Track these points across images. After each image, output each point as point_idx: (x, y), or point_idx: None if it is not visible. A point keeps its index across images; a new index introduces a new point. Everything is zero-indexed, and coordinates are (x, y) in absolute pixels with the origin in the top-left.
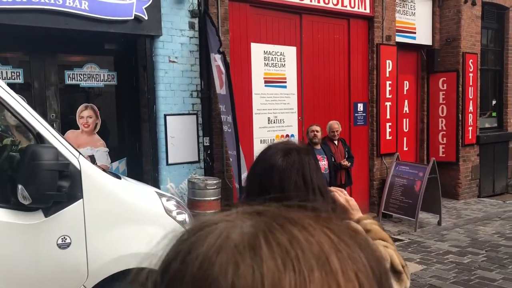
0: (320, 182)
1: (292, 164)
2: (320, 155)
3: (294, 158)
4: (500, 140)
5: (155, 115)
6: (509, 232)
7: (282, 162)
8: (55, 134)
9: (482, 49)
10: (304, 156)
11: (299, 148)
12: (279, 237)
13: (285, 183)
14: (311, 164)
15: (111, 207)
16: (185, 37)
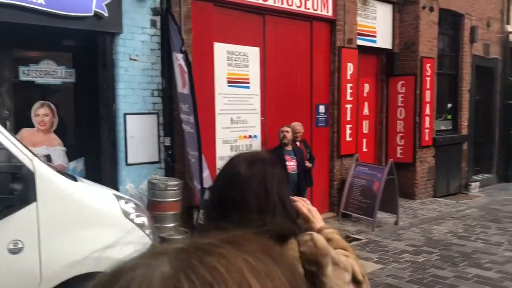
0: (282, 193)
1: (255, 174)
2: (289, 155)
3: (258, 168)
4: (455, 142)
5: (115, 114)
6: (462, 231)
7: (245, 172)
8: (7, 135)
9: (438, 54)
10: (269, 167)
11: (264, 159)
12: (200, 273)
13: (246, 193)
14: (275, 175)
15: (67, 210)
16: (147, 35)
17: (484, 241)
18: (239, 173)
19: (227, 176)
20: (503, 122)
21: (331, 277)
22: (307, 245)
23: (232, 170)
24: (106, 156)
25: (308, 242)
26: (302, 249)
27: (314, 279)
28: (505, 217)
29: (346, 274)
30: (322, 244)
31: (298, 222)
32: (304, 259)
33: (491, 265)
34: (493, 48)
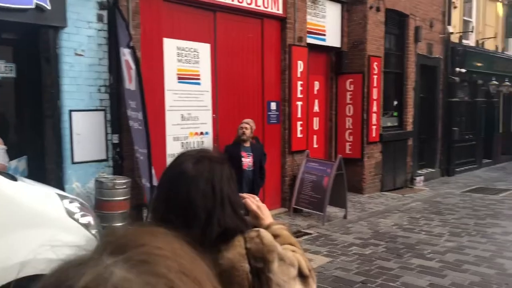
0: (231, 192)
1: (202, 172)
2: (246, 152)
3: (204, 166)
4: (401, 138)
5: (59, 111)
6: (406, 223)
7: (191, 170)
8: None
9: (385, 53)
10: (216, 165)
11: (212, 157)
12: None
13: (191, 192)
14: (224, 174)
15: (5, 211)
16: (93, 29)
17: (427, 233)
18: (185, 171)
19: (173, 174)
20: (445, 118)
21: (277, 273)
22: (254, 242)
23: (178, 168)
24: (51, 154)
25: (255, 239)
26: (249, 245)
27: (261, 275)
28: (446, 210)
29: (292, 270)
30: (268, 240)
31: (246, 220)
32: (251, 256)
33: (433, 255)
34: (436, 48)
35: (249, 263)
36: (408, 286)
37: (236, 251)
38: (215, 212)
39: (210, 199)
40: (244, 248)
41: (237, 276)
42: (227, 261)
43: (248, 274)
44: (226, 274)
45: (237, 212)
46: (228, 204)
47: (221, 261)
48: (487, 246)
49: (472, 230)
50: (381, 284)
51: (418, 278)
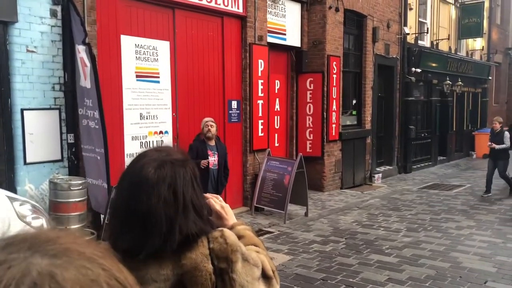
0: (194, 196)
1: (163, 178)
2: (211, 151)
3: (167, 171)
4: (359, 136)
5: (10, 110)
6: (366, 220)
7: (152, 176)
8: None
9: (344, 53)
10: (179, 169)
11: (174, 160)
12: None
13: (152, 200)
14: (186, 176)
15: None
16: (46, 25)
17: (385, 229)
18: (146, 177)
19: (133, 179)
20: (402, 117)
21: (241, 273)
22: (218, 242)
23: (139, 174)
24: (1, 155)
25: (218, 239)
26: (212, 245)
27: (224, 275)
28: (404, 206)
29: (256, 270)
30: (232, 240)
31: (210, 221)
32: (214, 256)
33: (391, 250)
34: (393, 48)
35: (212, 264)
36: (367, 281)
37: (199, 251)
38: (177, 220)
39: (172, 207)
40: (208, 248)
41: (200, 277)
42: (190, 261)
43: (211, 275)
44: (189, 275)
45: (201, 215)
46: (192, 209)
47: (184, 262)
48: (442, 241)
49: (428, 225)
50: (341, 280)
51: (377, 274)
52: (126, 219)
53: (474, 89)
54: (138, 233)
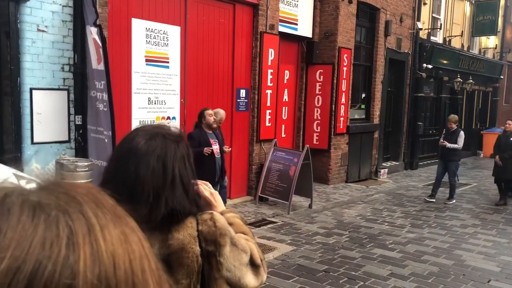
0: (184, 173)
1: (153, 149)
2: (213, 139)
3: (157, 143)
4: (367, 130)
5: (19, 89)
6: (370, 214)
7: (142, 146)
8: None
9: (355, 45)
10: (171, 143)
11: (167, 134)
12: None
13: (140, 169)
14: (178, 152)
15: None
16: (57, 5)
17: (389, 224)
18: (136, 147)
19: (123, 149)
20: (411, 113)
21: (228, 257)
22: (207, 224)
23: (129, 143)
24: (9, 134)
25: (208, 221)
26: (201, 228)
27: (211, 258)
28: (409, 202)
29: (244, 256)
30: (222, 224)
31: (198, 203)
32: (202, 238)
33: (395, 245)
34: (405, 43)
35: (200, 246)
36: (369, 275)
37: (187, 233)
38: (164, 192)
39: (159, 178)
40: (196, 230)
41: (187, 258)
42: (177, 242)
43: (198, 257)
44: (176, 256)
45: (189, 194)
46: (180, 185)
47: (171, 242)
48: (447, 238)
49: (432, 222)
50: (344, 273)
51: (379, 268)
52: (114, 187)
53: (485, 87)
54: (125, 201)
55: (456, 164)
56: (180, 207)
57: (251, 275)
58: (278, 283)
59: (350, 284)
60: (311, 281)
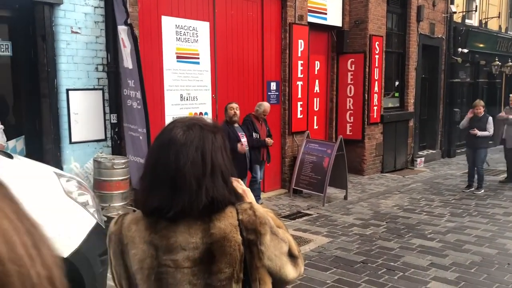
0: (223, 163)
1: (191, 139)
2: (240, 132)
3: (195, 133)
4: (402, 119)
5: (56, 90)
6: (407, 204)
7: (181, 137)
8: None
9: (387, 32)
10: (208, 133)
11: (203, 124)
12: None
13: (180, 160)
14: (215, 143)
15: None
16: (90, 6)
17: (428, 213)
18: (175, 138)
19: (163, 141)
20: (447, 99)
21: (269, 246)
22: (247, 213)
23: (168, 135)
24: (48, 134)
25: (247, 211)
26: (241, 217)
27: (252, 247)
28: (447, 190)
29: (284, 245)
30: (261, 213)
31: (237, 193)
32: (243, 227)
33: (434, 235)
34: (438, 28)
35: (241, 235)
36: (409, 265)
37: (228, 222)
38: (204, 181)
39: (199, 168)
40: (237, 219)
41: (229, 247)
42: (219, 231)
43: (240, 246)
44: (218, 245)
45: (228, 183)
46: (219, 174)
47: (213, 231)
48: (488, 227)
49: (473, 211)
50: (382, 263)
51: (419, 258)
52: (155, 178)
53: None
54: (167, 192)
55: (485, 152)
56: (220, 196)
57: (291, 266)
58: (315, 275)
59: (389, 275)
60: (348, 272)
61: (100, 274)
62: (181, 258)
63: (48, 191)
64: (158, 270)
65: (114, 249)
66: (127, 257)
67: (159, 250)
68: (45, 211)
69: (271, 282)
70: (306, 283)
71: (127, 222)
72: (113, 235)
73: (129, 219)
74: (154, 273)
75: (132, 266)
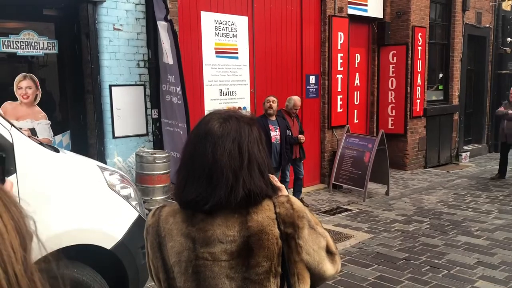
0: (260, 155)
1: (228, 131)
2: (273, 125)
3: (232, 125)
4: (446, 112)
5: (100, 86)
6: (452, 200)
7: (218, 129)
8: None
9: (430, 23)
10: (244, 125)
11: (240, 116)
12: None
13: (217, 151)
14: (252, 135)
15: (48, 181)
16: (131, 3)
17: (474, 210)
18: (212, 129)
19: (199, 133)
20: (494, 92)
21: (307, 240)
22: (284, 207)
23: (204, 127)
24: (92, 129)
25: (285, 204)
26: (279, 210)
27: (290, 241)
28: (494, 186)
29: (322, 240)
30: (299, 206)
31: (274, 186)
32: (281, 221)
33: (481, 232)
34: (485, 17)
35: (278, 228)
36: (454, 263)
37: (266, 215)
38: (241, 173)
39: (236, 160)
40: (274, 213)
41: (267, 240)
42: (257, 224)
43: (278, 239)
44: (256, 238)
45: (264, 176)
46: (256, 167)
47: (250, 224)
48: None
49: None
50: (425, 261)
51: (465, 256)
52: (192, 171)
53: None
54: (204, 184)
55: None
56: (257, 189)
57: (328, 262)
58: (356, 271)
59: (433, 273)
60: (390, 269)
61: (142, 266)
62: (219, 251)
63: (92, 184)
64: (196, 263)
65: (152, 241)
66: (165, 250)
67: (196, 242)
68: (89, 203)
69: (309, 277)
70: (347, 279)
71: (165, 214)
72: (151, 228)
73: (166, 211)
74: (192, 266)
75: (169, 259)
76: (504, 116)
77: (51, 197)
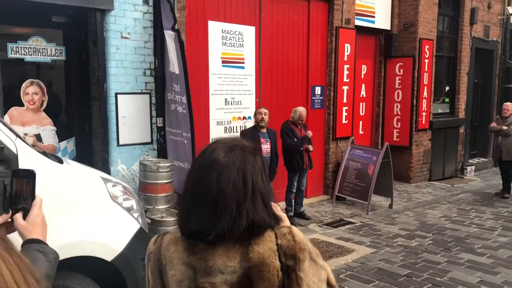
0: (263, 185)
1: (233, 161)
2: (264, 138)
3: (237, 155)
4: (452, 125)
5: (106, 93)
6: (456, 215)
7: (223, 159)
8: None
9: (438, 36)
10: (249, 155)
11: (244, 146)
12: None
13: (222, 181)
14: (256, 165)
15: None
16: (139, 12)
17: (477, 226)
18: (217, 159)
19: (204, 162)
20: (501, 106)
21: (308, 272)
22: (286, 238)
23: (210, 156)
24: (97, 136)
25: (286, 235)
26: (280, 241)
27: (291, 273)
28: (499, 202)
29: (323, 272)
30: (301, 238)
31: (276, 216)
32: (282, 252)
33: (484, 250)
34: (493, 30)
35: (279, 260)
36: (456, 282)
37: (267, 246)
38: (245, 204)
39: (240, 190)
40: (275, 244)
41: (267, 272)
42: (257, 255)
43: (278, 271)
44: (256, 269)
45: (267, 206)
46: (259, 197)
47: (251, 255)
48: None
49: None
50: (427, 278)
51: (467, 274)
52: (196, 200)
53: None
54: (208, 214)
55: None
56: (260, 219)
57: None
58: (357, 287)
59: None
60: (392, 286)
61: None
62: (219, 281)
63: (95, 196)
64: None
65: (153, 268)
66: (166, 278)
67: (197, 272)
68: (91, 215)
69: None
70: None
71: (166, 242)
72: (152, 255)
73: (168, 239)
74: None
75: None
76: (499, 132)
77: (53, 209)
